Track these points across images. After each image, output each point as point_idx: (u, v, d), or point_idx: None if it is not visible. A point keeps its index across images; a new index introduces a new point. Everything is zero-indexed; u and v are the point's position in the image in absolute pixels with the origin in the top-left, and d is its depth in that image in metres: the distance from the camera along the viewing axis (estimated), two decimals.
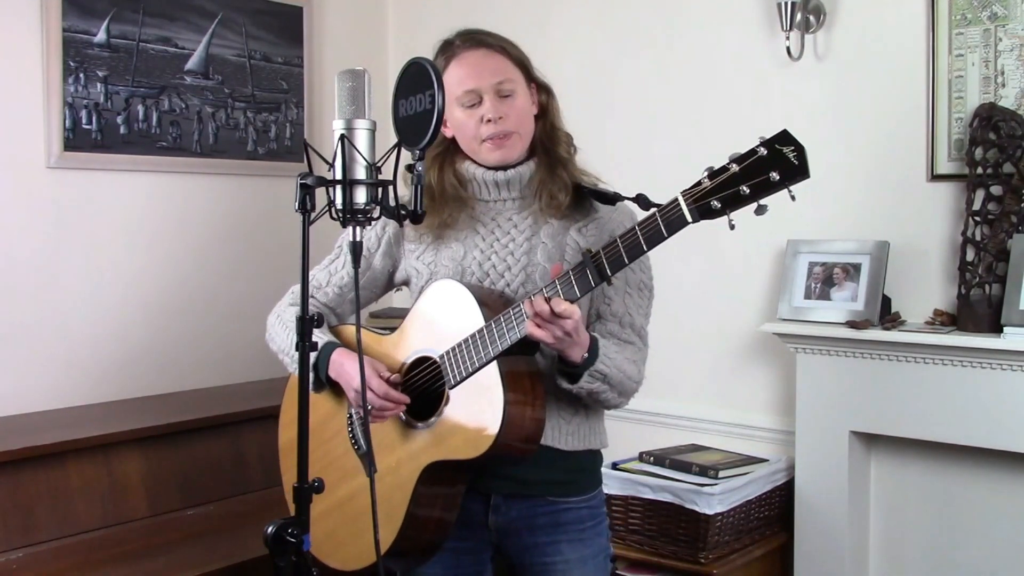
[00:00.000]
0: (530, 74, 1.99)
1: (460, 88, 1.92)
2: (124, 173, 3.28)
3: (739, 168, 1.57)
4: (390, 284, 2.11)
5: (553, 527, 1.95)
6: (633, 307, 1.95)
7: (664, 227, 1.64)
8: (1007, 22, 2.74)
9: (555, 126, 2.00)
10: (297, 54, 3.74)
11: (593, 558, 1.98)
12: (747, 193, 1.56)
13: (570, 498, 1.96)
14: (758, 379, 3.20)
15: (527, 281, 1.92)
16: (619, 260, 1.69)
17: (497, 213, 1.98)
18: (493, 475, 1.91)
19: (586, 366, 1.80)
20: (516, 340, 1.76)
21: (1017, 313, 2.61)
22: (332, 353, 1.95)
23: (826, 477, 2.93)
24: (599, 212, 1.96)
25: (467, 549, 1.98)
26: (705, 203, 1.59)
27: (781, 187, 1.54)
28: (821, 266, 2.98)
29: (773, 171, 1.53)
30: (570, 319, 1.70)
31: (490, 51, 1.95)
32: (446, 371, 1.86)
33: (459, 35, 1.98)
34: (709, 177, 1.60)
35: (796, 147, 1.53)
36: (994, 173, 2.71)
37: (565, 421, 1.94)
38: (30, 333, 3.08)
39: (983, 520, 2.81)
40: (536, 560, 1.95)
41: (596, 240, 1.92)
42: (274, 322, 2.09)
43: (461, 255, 1.96)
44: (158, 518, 2.72)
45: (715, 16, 3.25)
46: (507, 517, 1.95)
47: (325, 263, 2.11)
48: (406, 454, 1.90)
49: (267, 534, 1.57)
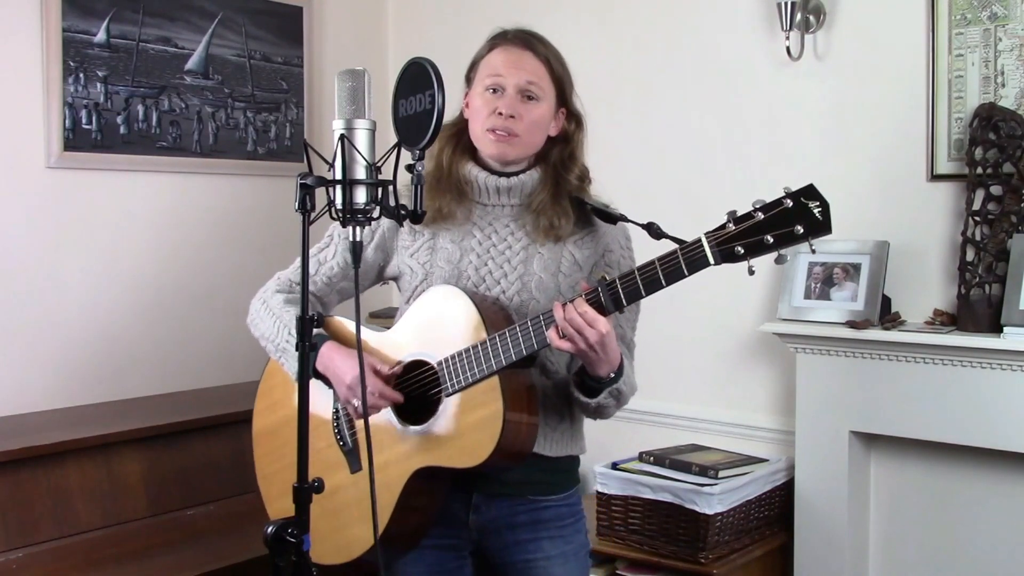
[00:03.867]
0: (564, 96, 1.98)
1: (490, 74, 1.93)
2: (124, 173, 3.29)
3: (764, 217, 1.59)
4: (379, 277, 2.09)
5: (533, 524, 1.96)
6: (625, 321, 1.97)
7: (685, 266, 1.66)
8: (1007, 22, 2.74)
9: (575, 156, 1.99)
10: (297, 54, 3.74)
11: (574, 554, 2.01)
12: (771, 243, 1.59)
13: (550, 496, 1.98)
14: (758, 379, 3.20)
15: (523, 290, 1.92)
16: (636, 292, 1.71)
17: (494, 218, 1.98)
18: (476, 476, 1.91)
19: (609, 383, 1.82)
20: (532, 351, 1.78)
21: (1017, 313, 2.61)
22: (322, 346, 1.94)
23: (826, 477, 2.93)
24: (596, 226, 1.97)
25: (448, 546, 1.99)
26: (729, 247, 1.62)
27: (803, 240, 1.58)
28: (821, 266, 2.98)
29: (798, 224, 1.57)
30: (597, 331, 1.71)
31: (534, 56, 1.94)
32: (444, 378, 1.86)
33: (516, 31, 1.98)
34: (733, 222, 1.62)
35: (821, 203, 1.58)
36: (994, 173, 2.71)
37: (551, 428, 1.95)
38: (30, 333, 3.08)
39: (983, 520, 2.81)
40: (518, 558, 1.97)
41: (591, 253, 1.95)
42: (259, 308, 2.07)
43: (457, 258, 1.96)
44: (158, 518, 2.72)
45: (715, 16, 3.25)
46: (488, 516, 1.96)
47: (314, 251, 2.07)
48: (395, 456, 1.90)
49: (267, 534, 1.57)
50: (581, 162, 2.00)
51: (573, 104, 2.00)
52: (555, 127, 1.98)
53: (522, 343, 1.78)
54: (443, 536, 1.97)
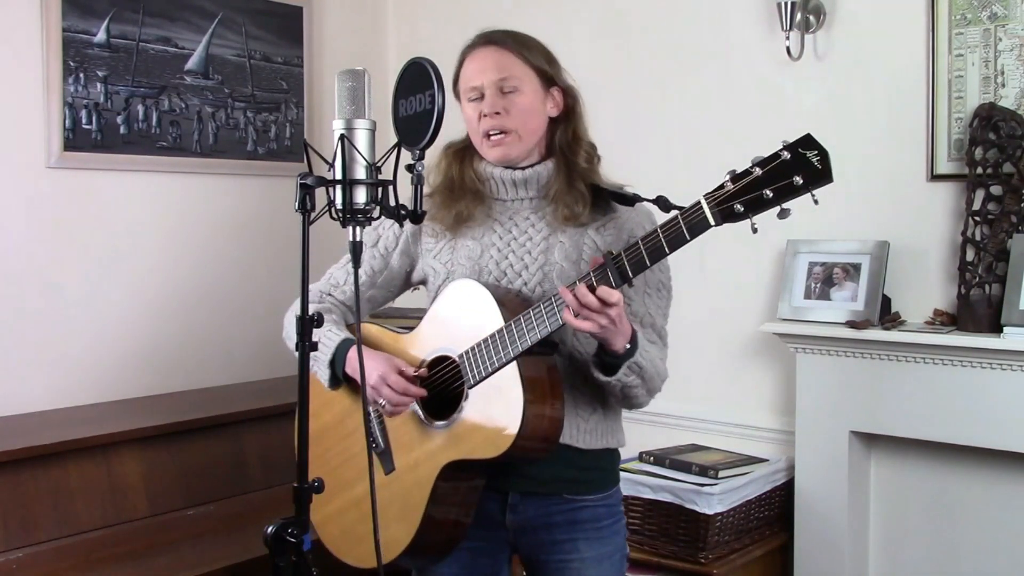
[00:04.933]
0: (548, 76, 1.96)
1: (466, 85, 1.94)
2: (124, 173, 3.29)
3: (762, 172, 1.57)
4: (407, 283, 2.10)
5: (570, 525, 1.94)
6: (653, 308, 1.95)
7: (687, 230, 1.64)
8: (1007, 22, 2.74)
9: (577, 134, 1.98)
10: (297, 54, 3.74)
11: (609, 557, 1.97)
12: (770, 197, 1.56)
13: (587, 496, 1.96)
14: (758, 379, 3.20)
15: (544, 280, 1.91)
16: (641, 262, 1.68)
17: (514, 212, 1.97)
18: (510, 474, 1.90)
19: (626, 357, 1.79)
20: (547, 334, 1.76)
21: (1017, 313, 2.61)
22: (348, 351, 1.95)
23: (826, 477, 2.93)
24: (617, 212, 1.95)
25: (483, 549, 1.98)
26: (728, 206, 1.59)
27: (804, 191, 1.55)
28: (821, 266, 2.98)
29: (796, 175, 1.54)
30: (615, 306, 1.69)
31: (498, 48, 1.93)
32: (465, 370, 1.86)
33: (479, 34, 1.98)
34: (732, 180, 1.60)
35: (820, 151, 1.54)
36: (994, 173, 2.71)
37: (583, 419, 1.93)
38: (30, 333, 3.08)
39: (983, 520, 2.81)
40: (553, 558, 1.95)
41: (614, 239, 1.92)
42: (293, 320, 2.08)
43: (478, 254, 1.96)
44: (158, 518, 2.72)
45: (715, 16, 3.25)
46: (524, 516, 1.95)
47: (343, 262, 2.09)
48: (424, 453, 1.90)
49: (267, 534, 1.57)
50: (586, 140, 1.98)
51: (564, 81, 1.98)
52: (554, 107, 1.96)
53: (536, 327, 1.76)
54: (479, 538, 1.96)
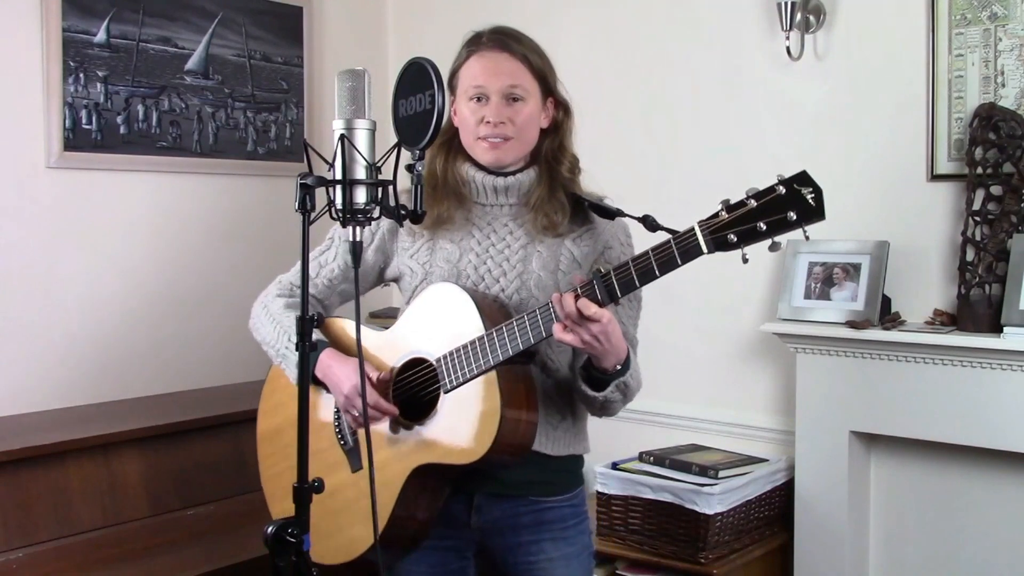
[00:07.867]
0: (549, 87, 1.97)
1: (471, 83, 1.93)
2: (124, 173, 3.29)
3: (757, 204, 1.58)
4: (379, 279, 2.09)
5: (536, 526, 1.96)
6: (626, 318, 1.96)
7: (679, 255, 1.64)
8: (1007, 22, 2.74)
9: (564, 146, 1.99)
10: (297, 54, 3.74)
11: (576, 556, 2.00)
12: (763, 230, 1.58)
13: (552, 497, 1.97)
14: (758, 379, 3.20)
15: (521, 288, 1.92)
16: (630, 283, 1.69)
17: (493, 218, 1.98)
18: (476, 476, 1.90)
19: (615, 376, 1.81)
20: (529, 345, 1.77)
21: (1017, 313, 2.61)
22: (320, 353, 1.94)
23: (826, 477, 2.93)
24: (594, 222, 1.97)
25: (450, 547, 1.99)
26: (722, 235, 1.60)
27: (797, 227, 1.56)
28: (821, 266, 2.98)
29: (791, 211, 1.55)
30: (598, 323, 1.70)
31: (511, 56, 1.93)
32: (442, 374, 1.86)
33: (489, 32, 1.97)
34: (726, 210, 1.61)
35: (814, 189, 1.56)
36: (994, 173, 2.71)
37: (552, 427, 1.95)
38: (30, 333, 3.08)
39: (983, 520, 2.81)
40: (520, 559, 1.96)
41: (590, 250, 1.94)
42: (260, 312, 2.08)
43: (456, 257, 1.96)
44: (158, 518, 2.72)
45: (715, 16, 3.25)
46: (490, 517, 1.96)
47: (315, 254, 2.08)
48: (394, 454, 1.91)
49: (267, 534, 1.57)
50: (571, 152, 2.00)
51: (559, 93, 2.00)
52: (546, 119, 1.98)
53: (519, 338, 1.77)
54: (445, 537, 1.97)
